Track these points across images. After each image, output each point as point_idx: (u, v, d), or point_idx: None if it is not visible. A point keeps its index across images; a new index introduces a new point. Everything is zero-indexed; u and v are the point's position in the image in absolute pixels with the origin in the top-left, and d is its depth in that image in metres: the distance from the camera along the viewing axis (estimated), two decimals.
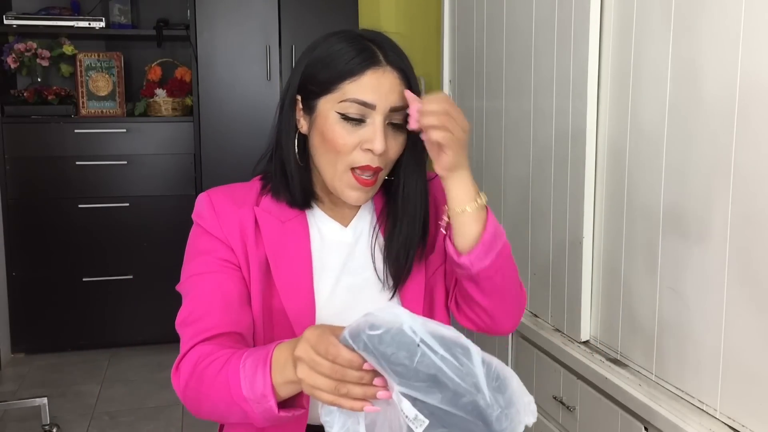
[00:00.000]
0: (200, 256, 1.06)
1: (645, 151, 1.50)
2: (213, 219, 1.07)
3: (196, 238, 1.09)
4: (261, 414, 0.89)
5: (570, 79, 1.72)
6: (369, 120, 1.01)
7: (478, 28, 2.28)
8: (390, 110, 1.01)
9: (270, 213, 1.09)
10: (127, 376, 3.26)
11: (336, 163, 1.03)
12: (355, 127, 1.01)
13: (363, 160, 1.01)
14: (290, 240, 1.08)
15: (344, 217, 1.15)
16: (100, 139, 3.46)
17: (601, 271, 1.69)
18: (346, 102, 1.00)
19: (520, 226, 2.03)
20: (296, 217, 1.10)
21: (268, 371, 0.87)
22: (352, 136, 1.01)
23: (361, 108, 1.00)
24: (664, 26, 1.41)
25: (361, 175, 1.03)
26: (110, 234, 3.49)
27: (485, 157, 2.25)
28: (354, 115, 1.00)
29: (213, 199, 1.09)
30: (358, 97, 1.00)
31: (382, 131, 1.00)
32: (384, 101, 1.00)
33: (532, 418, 0.81)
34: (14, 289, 3.43)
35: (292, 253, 1.07)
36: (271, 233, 1.07)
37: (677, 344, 1.42)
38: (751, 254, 1.22)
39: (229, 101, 3.47)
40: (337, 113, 1.01)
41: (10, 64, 3.44)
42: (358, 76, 1.00)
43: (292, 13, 3.50)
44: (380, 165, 1.03)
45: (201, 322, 1.00)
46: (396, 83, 1.02)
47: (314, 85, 1.03)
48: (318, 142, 1.04)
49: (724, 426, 1.28)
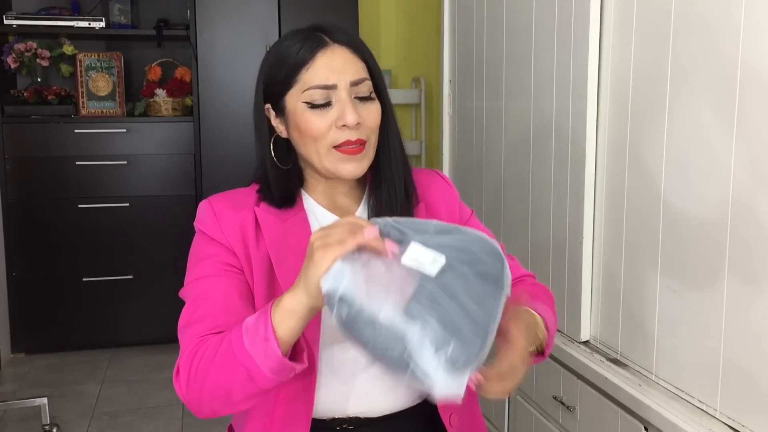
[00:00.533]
0: (202, 262, 1.07)
1: (645, 151, 1.50)
2: (214, 224, 1.09)
3: (198, 244, 1.10)
4: (264, 362, 0.89)
5: (570, 79, 1.72)
6: (334, 99, 1.04)
7: (478, 28, 2.28)
8: (351, 85, 1.04)
9: (270, 213, 1.10)
10: (127, 376, 3.26)
11: (318, 148, 1.06)
12: (324, 110, 1.04)
13: (341, 137, 1.04)
14: (292, 236, 1.09)
15: (345, 213, 1.15)
16: (100, 139, 3.45)
17: (601, 271, 1.69)
18: (308, 90, 1.04)
19: (520, 226, 2.03)
20: (296, 215, 1.11)
21: (269, 315, 0.89)
22: (324, 119, 1.04)
23: (323, 92, 1.04)
24: (664, 26, 1.41)
25: (344, 147, 1.05)
26: (110, 234, 3.49)
27: (485, 157, 2.25)
28: (319, 101, 1.04)
29: (213, 205, 1.11)
30: (316, 83, 1.03)
31: (350, 104, 1.04)
32: (342, 78, 1.04)
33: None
34: (14, 289, 3.43)
35: (295, 249, 1.07)
36: (273, 231, 1.09)
37: (677, 344, 1.42)
38: (751, 254, 1.22)
39: (229, 101, 3.46)
40: (304, 103, 1.04)
41: (10, 64, 3.44)
42: (310, 62, 1.04)
43: (292, 13, 3.50)
44: (360, 137, 1.06)
45: (201, 323, 1.01)
46: (348, 57, 1.06)
47: (276, 86, 1.07)
48: (297, 136, 1.08)
49: (724, 426, 1.28)
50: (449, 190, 1.26)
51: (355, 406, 1.09)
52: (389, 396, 1.10)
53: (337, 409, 1.09)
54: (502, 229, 2.14)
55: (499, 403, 2.21)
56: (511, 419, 2.15)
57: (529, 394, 2.00)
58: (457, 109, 2.49)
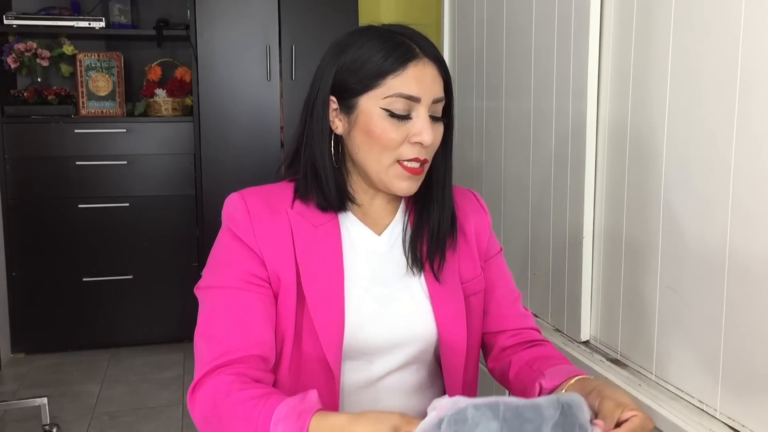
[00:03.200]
0: (227, 268, 1.03)
1: (645, 151, 1.50)
2: (247, 225, 1.04)
3: (226, 243, 1.05)
4: None
5: (570, 79, 1.72)
6: (414, 113, 1.01)
7: (478, 28, 2.28)
8: (432, 102, 1.03)
9: (303, 216, 1.06)
10: (127, 376, 3.26)
11: (381, 158, 1.03)
12: (401, 122, 1.01)
13: (410, 153, 1.02)
14: (322, 245, 1.05)
15: (377, 225, 1.12)
16: (100, 139, 3.46)
17: (601, 271, 1.69)
18: (391, 97, 1.00)
19: (520, 226, 2.03)
20: (329, 222, 1.07)
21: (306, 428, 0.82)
22: (399, 131, 1.01)
23: (406, 102, 1.01)
24: (664, 26, 1.41)
25: (408, 165, 1.03)
26: (110, 234, 3.49)
27: (485, 157, 2.25)
28: (400, 111, 1.01)
29: (248, 203, 1.05)
30: (403, 92, 1.00)
31: (428, 123, 1.01)
32: (428, 93, 1.01)
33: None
34: (14, 289, 3.43)
35: (324, 259, 1.04)
36: (304, 238, 1.05)
37: (677, 344, 1.42)
38: (751, 254, 1.22)
39: (229, 101, 3.46)
40: (383, 109, 1.01)
41: (10, 64, 3.44)
42: (401, 70, 1.00)
43: (292, 13, 3.50)
44: (427, 157, 1.04)
45: (219, 342, 0.98)
46: (436, 74, 1.03)
47: (352, 84, 1.03)
48: (361, 140, 1.03)
49: (724, 426, 1.28)
50: (484, 217, 1.22)
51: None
52: (414, 405, 1.11)
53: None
54: (502, 229, 2.14)
55: None
56: None
57: None
58: (457, 109, 2.48)
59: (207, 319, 1.01)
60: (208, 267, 1.06)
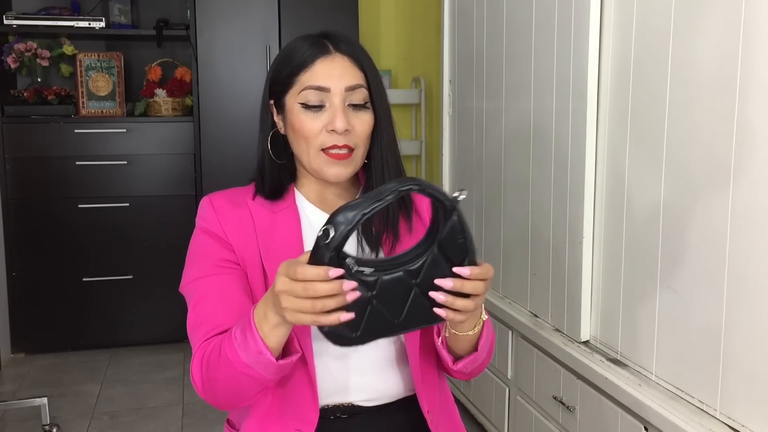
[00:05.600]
0: (200, 259, 1.12)
1: (645, 151, 1.50)
2: (213, 218, 1.14)
3: (196, 239, 1.16)
4: (265, 371, 0.96)
5: (570, 79, 1.72)
6: (328, 103, 1.09)
7: (478, 28, 2.28)
8: (345, 90, 1.09)
9: (263, 206, 1.16)
10: (127, 376, 3.26)
11: (309, 149, 1.11)
12: (317, 113, 1.10)
13: (329, 141, 1.09)
14: (281, 226, 1.14)
15: (332, 209, 1.16)
16: (100, 139, 3.45)
17: (601, 271, 1.69)
18: (304, 91, 1.10)
19: (520, 226, 2.03)
20: (287, 208, 1.16)
21: (254, 329, 0.94)
22: (316, 122, 1.09)
23: (318, 94, 1.09)
24: (664, 26, 1.41)
25: (331, 152, 1.10)
26: (110, 234, 3.49)
27: (485, 157, 2.25)
28: (313, 102, 1.09)
29: (213, 201, 1.17)
30: (312, 83, 1.09)
31: (341, 111, 1.09)
32: (337, 83, 1.09)
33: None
34: (14, 289, 3.43)
35: (281, 241, 1.13)
36: (263, 223, 1.14)
37: (677, 344, 1.42)
38: (751, 254, 1.22)
39: (229, 101, 3.46)
40: (299, 104, 1.10)
41: (10, 64, 3.43)
42: (310, 66, 1.10)
43: (292, 13, 3.50)
44: (348, 143, 1.10)
45: (206, 324, 1.06)
46: (347, 66, 1.11)
47: (279, 84, 1.14)
48: (291, 135, 1.14)
49: (724, 426, 1.28)
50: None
51: (355, 393, 1.12)
52: (387, 380, 1.13)
53: (339, 394, 1.12)
54: (502, 229, 2.14)
55: (499, 403, 2.21)
56: (511, 419, 2.15)
57: (529, 394, 2.01)
58: (457, 109, 2.49)
59: (193, 310, 1.09)
60: (185, 266, 1.15)
